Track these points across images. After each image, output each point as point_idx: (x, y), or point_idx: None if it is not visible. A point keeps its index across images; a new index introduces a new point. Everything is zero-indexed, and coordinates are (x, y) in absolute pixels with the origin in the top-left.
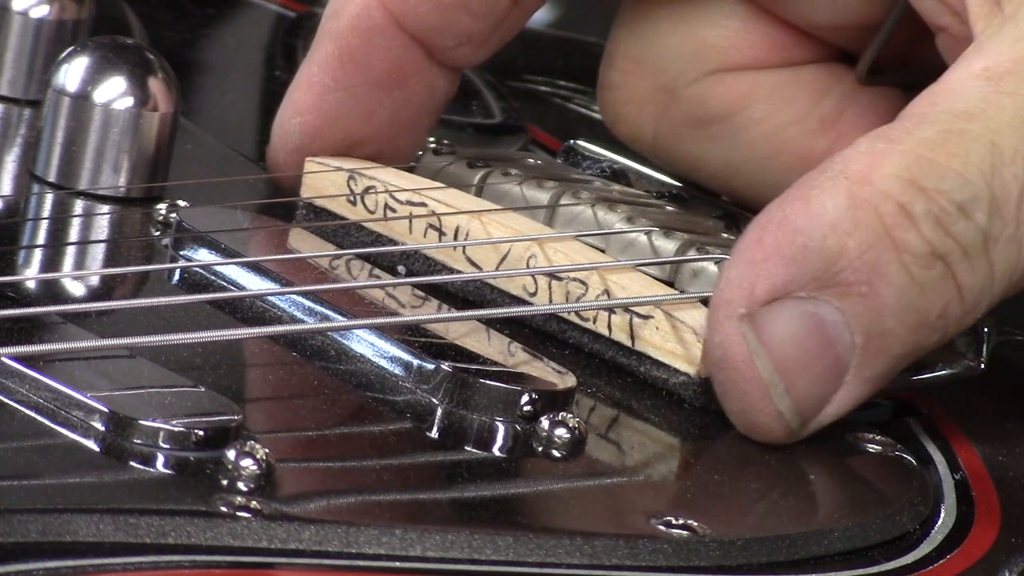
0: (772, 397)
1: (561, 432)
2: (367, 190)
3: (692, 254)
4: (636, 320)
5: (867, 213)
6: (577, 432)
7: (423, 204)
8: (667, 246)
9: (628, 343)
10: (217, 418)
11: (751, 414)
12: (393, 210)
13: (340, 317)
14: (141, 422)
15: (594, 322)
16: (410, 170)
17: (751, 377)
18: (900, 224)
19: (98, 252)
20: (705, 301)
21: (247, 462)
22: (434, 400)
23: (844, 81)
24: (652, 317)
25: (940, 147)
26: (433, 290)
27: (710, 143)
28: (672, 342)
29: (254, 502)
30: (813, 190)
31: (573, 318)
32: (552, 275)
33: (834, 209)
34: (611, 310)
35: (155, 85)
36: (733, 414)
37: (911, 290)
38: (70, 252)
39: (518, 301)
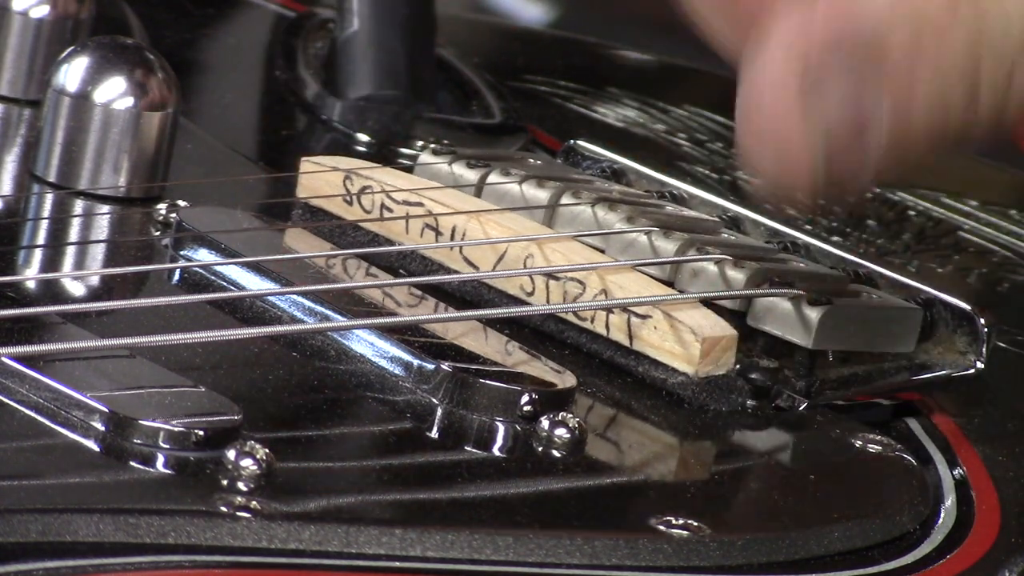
0: (813, 154)
1: (561, 432)
2: (363, 190)
3: (692, 254)
4: (634, 320)
5: (911, 9)
6: (577, 432)
7: (419, 204)
8: (667, 246)
9: (626, 343)
10: (217, 418)
11: (782, 158)
12: (390, 210)
13: (340, 317)
14: (141, 422)
15: (592, 322)
16: (408, 170)
17: (799, 130)
18: (945, 25)
19: (98, 252)
20: (705, 301)
21: (247, 462)
22: (434, 400)
23: None
24: (651, 317)
25: None
26: (431, 290)
27: None
28: (670, 342)
29: (254, 502)
30: None
31: (571, 318)
32: (550, 275)
33: (883, 1)
34: (610, 310)
35: (155, 85)
36: (759, 150)
37: (938, 95)
38: (70, 252)
39: (515, 301)
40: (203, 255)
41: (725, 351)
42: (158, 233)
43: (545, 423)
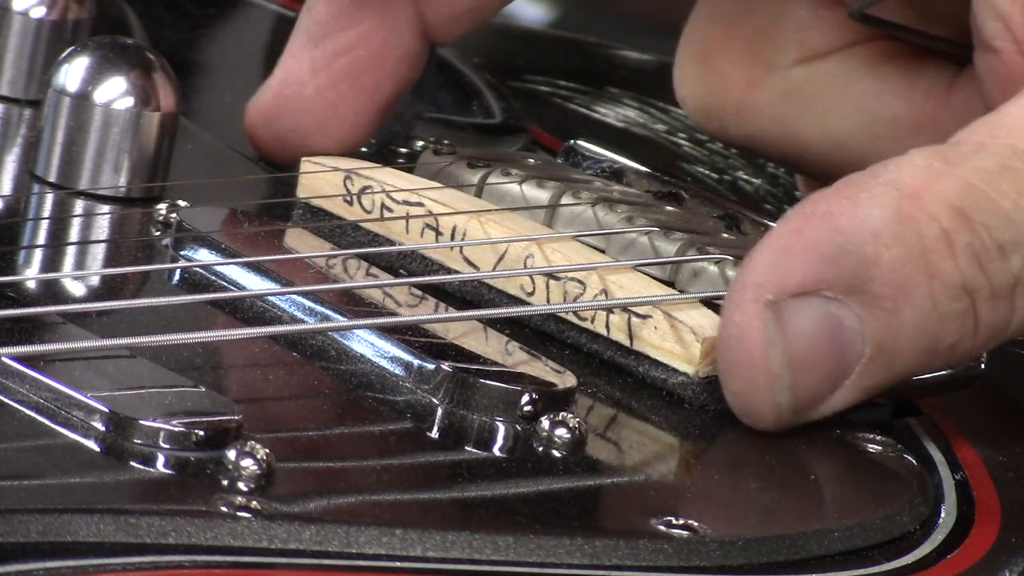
0: (776, 389)
1: (561, 432)
2: (364, 190)
3: (692, 254)
4: (635, 320)
5: (910, 231)
6: (577, 432)
7: (420, 204)
8: (667, 246)
9: (627, 343)
10: (217, 418)
11: (749, 399)
12: (390, 210)
13: (340, 317)
14: (141, 422)
15: (592, 322)
16: (409, 170)
17: (762, 365)
18: (939, 250)
19: (98, 252)
20: (705, 301)
21: (247, 462)
22: (434, 400)
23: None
24: (651, 317)
25: (994, 181)
26: (432, 290)
27: (806, 122)
28: (671, 342)
29: (254, 502)
30: (862, 193)
31: (571, 317)
32: (550, 275)
33: (880, 218)
34: (610, 310)
35: (155, 85)
36: (730, 393)
37: (931, 317)
38: (70, 252)
39: (516, 301)
40: (203, 255)
41: None
42: (158, 233)
43: (545, 423)
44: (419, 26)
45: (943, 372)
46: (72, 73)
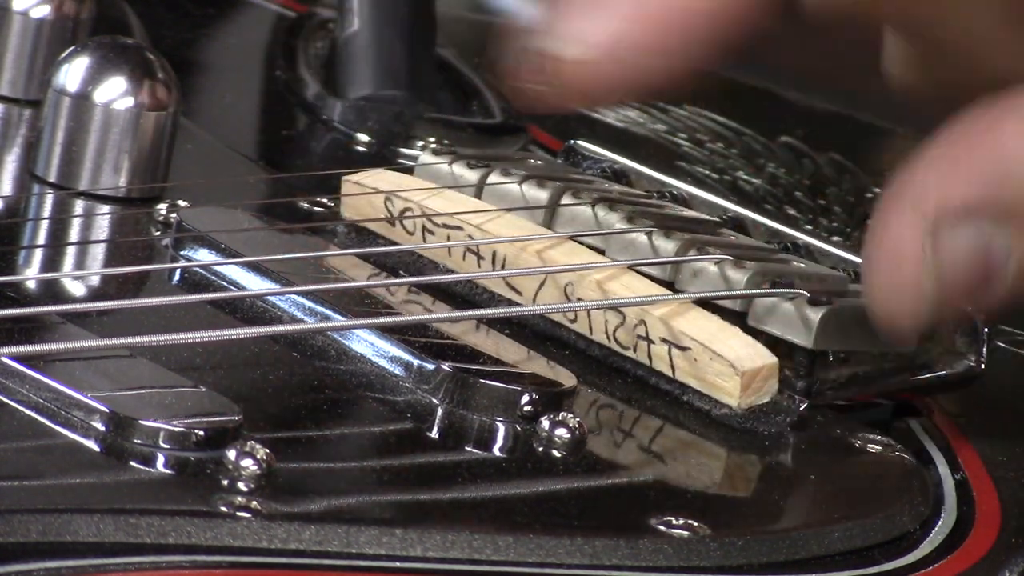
0: (921, 308)
1: (561, 432)
2: (404, 212)
3: (692, 254)
4: (675, 351)
5: None
6: (577, 432)
7: (459, 228)
8: (667, 246)
9: (669, 373)
10: (217, 418)
11: (890, 309)
12: (431, 233)
13: (340, 317)
14: (141, 422)
15: (635, 351)
16: (410, 171)
17: (913, 284)
18: None
19: (98, 252)
20: (703, 302)
21: (247, 462)
22: (434, 400)
23: None
24: (690, 349)
25: None
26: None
27: None
28: (711, 375)
29: (254, 502)
30: None
31: (613, 346)
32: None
33: None
34: (650, 339)
35: (155, 85)
36: (873, 298)
37: None
38: (70, 252)
39: (557, 325)
40: (203, 255)
41: (767, 380)
42: (158, 233)
43: (545, 423)
44: None
45: (943, 372)
46: (72, 73)
